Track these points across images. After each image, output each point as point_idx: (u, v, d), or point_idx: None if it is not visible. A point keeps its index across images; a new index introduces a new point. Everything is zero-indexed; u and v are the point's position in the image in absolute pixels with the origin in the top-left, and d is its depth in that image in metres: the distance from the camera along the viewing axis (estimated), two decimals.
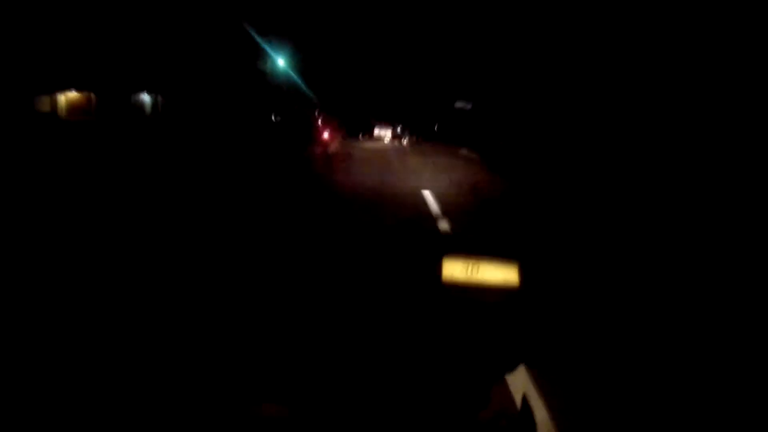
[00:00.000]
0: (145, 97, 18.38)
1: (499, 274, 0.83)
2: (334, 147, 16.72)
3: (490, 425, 0.80)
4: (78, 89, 16.03)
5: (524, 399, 0.80)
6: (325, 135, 16.79)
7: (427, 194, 6.68)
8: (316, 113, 21.48)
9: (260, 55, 24.73)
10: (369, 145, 23.75)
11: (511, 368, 0.85)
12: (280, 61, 25.35)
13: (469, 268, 0.83)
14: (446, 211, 5.53)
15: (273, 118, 23.25)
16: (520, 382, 0.92)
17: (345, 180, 8.13)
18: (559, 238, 4.77)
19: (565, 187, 8.56)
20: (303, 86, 29.38)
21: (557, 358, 1.09)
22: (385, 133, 32.15)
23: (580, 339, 0.99)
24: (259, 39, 22.18)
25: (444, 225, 4.85)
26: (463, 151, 17.80)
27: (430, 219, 5.15)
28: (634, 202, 7.47)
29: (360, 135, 32.50)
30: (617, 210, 6.92)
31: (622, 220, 6.06)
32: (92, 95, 16.20)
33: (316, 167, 11.61)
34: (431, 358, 0.97)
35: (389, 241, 3.92)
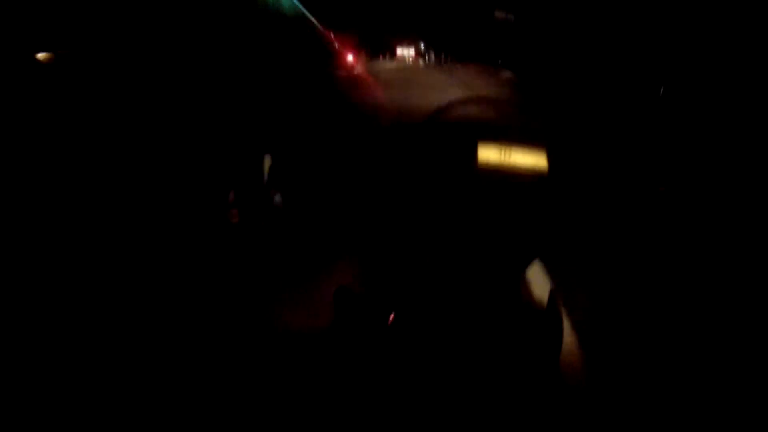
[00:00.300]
0: None
1: (529, 159, 0.98)
2: (359, 69, 15.71)
3: (517, 317, 0.94)
4: None
5: (551, 295, 0.99)
6: (349, 58, 15.06)
7: None
8: (331, 35, 19.22)
9: None
10: (392, 65, 22.88)
11: (538, 255, 1.02)
12: None
13: (502, 152, 0.97)
14: None
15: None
16: (547, 272, 1.36)
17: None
18: None
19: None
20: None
21: (584, 247, 1.05)
22: (408, 53, 33.84)
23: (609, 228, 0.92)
24: None
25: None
26: (506, 74, 16.38)
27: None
28: None
29: (381, 56, 33.07)
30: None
31: None
32: None
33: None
34: (465, 242, 0.94)
35: None
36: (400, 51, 37.69)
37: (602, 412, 1.68)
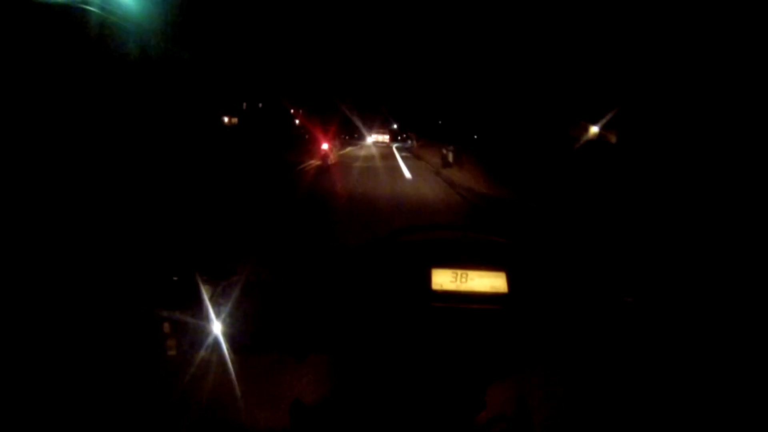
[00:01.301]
0: None
1: (488, 281, 0.88)
2: (333, 158, 15.69)
3: (486, 429, 0.85)
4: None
5: (520, 402, 0.88)
6: (324, 146, 15.16)
7: None
8: (305, 119, 18.95)
9: None
10: (365, 152, 24.50)
11: (507, 372, 0.89)
12: None
13: (458, 277, 0.87)
14: None
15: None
16: (516, 386, 1.24)
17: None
18: None
19: None
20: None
21: (553, 360, 0.99)
22: (383, 138, 38.09)
23: (574, 341, 0.88)
24: None
25: None
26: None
27: None
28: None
29: (357, 138, 35.86)
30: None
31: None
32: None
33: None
34: (424, 365, 0.86)
35: None
36: (376, 136, 40.63)
37: None
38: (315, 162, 14.63)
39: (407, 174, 14.21)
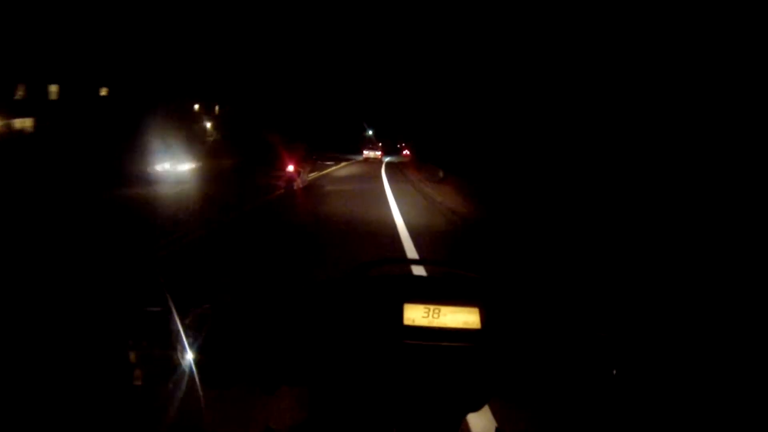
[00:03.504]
0: None
1: (461, 317, 0.88)
2: (300, 182, 13.51)
3: None
4: None
5: None
6: (290, 168, 13.09)
7: None
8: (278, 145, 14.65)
9: None
10: (343, 173, 21.84)
11: (481, 405, 0.90)
12: None
13: (431, 312, 0.88)
14: None
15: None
16: (491, 416, 1.48)
17: None
18: None
19: None
20: None
21: (523, 397, 1.00)
22: (374, 154, 38.14)
23: (546, 377, 0.88)
24: None
25: None
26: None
27: None
28: None
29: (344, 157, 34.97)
30: None
31: None
32: None
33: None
34: (397, 399, 0.86)
35: None
36: (366, 152, 39.41)
37: None
38: (280, 188, 12.53)
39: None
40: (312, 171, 16.92)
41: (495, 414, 2.31)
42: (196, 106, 29.71)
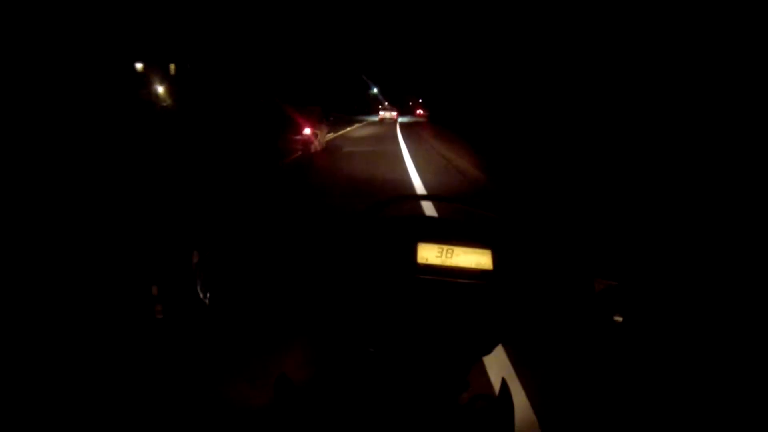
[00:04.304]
0: None
1: (473, 258, 0.89)
2: (318, 145, 13.23)
3: (468, 408, 0.86)
4: None
5: (502, 383, 0.88)
6: (306, 131, 12.62)
7: None
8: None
9: None
10: (362, 133, 21.89)
11: (489, 350, 0.90)
12: None
13: (444, 252, 0.89)
14: None
15: None
16: (497, 365, 1.53)
17: None
18: None
19: None
20: None
21: (534, 339, 1.04)
22: (389, 114, 38.12)
23: (552, 321, 0.89)
24: None
25: None
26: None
27: None
28: None
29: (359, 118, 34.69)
30: None
31: None
32: None
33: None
34: (409, 339, 0.88)
35: None
36: (382, 113, 39.63)
37: None
38: (297, 151, 12.36)
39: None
40: (328, 133, 16.65)
41: (500, 365, 2.33)
42: (139, 66, 24.49)
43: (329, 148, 14.45)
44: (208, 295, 0.94)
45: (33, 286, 2.91)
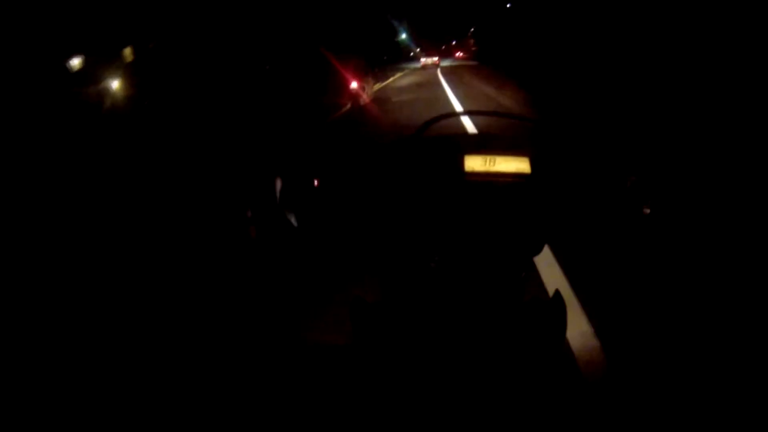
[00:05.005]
0: None
1: (513, 164, 1.00)
2: (366, 98, 13.21)
3: (525, 310, 0.94)
4: None
5: (556, 292, 0.97)
6: (354, 85, 12.67)
7: None
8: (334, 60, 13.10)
9: None
10: (406, 82, 21.17)
11: (537, 251, 1.00)
12: None
13: (487, 161, 1.00)
14: None
15: None
16: (548, 267, 1.70)
17: None
18: None
19: None
20: None
21: (576, 238, 1.03)
22: (431, 60, 39.06)
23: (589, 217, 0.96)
24: None
25: None
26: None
27: None
28: None
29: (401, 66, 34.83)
30: None
31: None
32: None
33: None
34: (464, 244, 0.99)
35: None
36: (424, 59, 39.52)
37: (616, 403, 1.71)
38: (346, 106, 12.28)
39: None
40: (375, 84, 16.51)
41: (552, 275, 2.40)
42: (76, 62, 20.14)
43: (377, 99, 14.32)
44: (293, 216, 1.10)
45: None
